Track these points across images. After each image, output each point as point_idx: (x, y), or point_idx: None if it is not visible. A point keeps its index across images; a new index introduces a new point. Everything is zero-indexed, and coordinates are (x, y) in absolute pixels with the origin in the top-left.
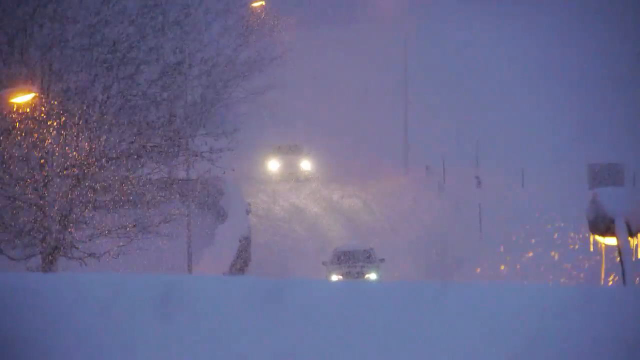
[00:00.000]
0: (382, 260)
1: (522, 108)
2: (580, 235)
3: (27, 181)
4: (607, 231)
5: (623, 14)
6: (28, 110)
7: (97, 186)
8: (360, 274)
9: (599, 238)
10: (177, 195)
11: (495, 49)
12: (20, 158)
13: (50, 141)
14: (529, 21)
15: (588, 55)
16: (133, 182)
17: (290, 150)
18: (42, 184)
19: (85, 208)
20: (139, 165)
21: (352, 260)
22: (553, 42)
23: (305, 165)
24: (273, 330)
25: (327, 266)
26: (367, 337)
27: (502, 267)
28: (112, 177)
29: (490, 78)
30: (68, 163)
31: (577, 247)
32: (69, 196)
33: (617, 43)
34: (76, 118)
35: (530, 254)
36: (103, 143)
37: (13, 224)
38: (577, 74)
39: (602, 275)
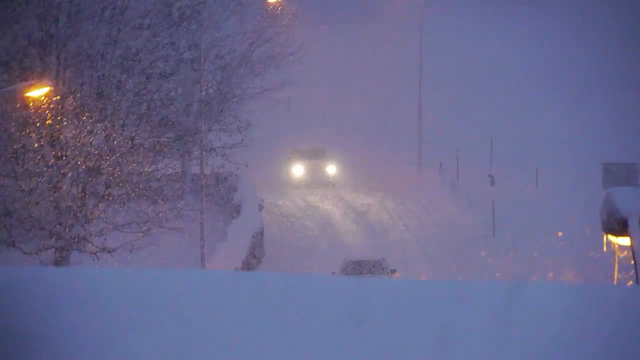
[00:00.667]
0: (394, 270)
1: (536, 107)
2: (594, 235)
3: (41, 175)
4: (620, 231)
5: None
6: (43, 104)
7: (111, 181)
8: None
9: (612, 238)
10: (191, 191)
11: (510, 47)
12: (35, 152)
13: (64, 135)
14: (545, 21)
15: (603, 54)
16: (147, 176)
17: (313, 154)
18: (56, 178)
19: (99, 202)
20: (153, 160)
21: (361, 271)
22: (568, 41)
23: (331, 169)
24: (285, 326)
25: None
26: (375, 334)
27: (515, 266)
28: (125, 172)
29: (504, 77)
30: (82, 157)
31: (590, 246)
32: (83, 190)
33: (634, 41)
34: (90, 112)
35: (543, 253)
36: (117, 138)
37: (27, 217)
38: (593, 72)
39: (615, 275)
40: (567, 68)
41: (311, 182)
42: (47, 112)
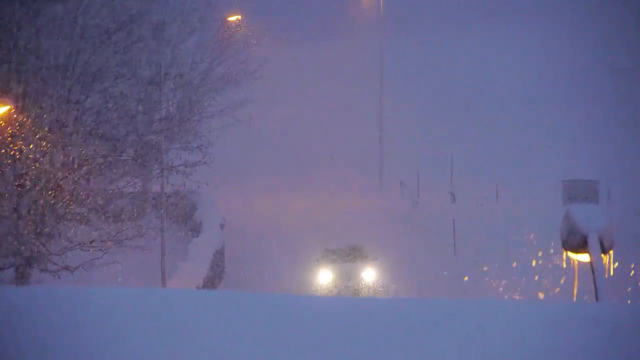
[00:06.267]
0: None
1: (497, 123)
2: (554, 252)
3: (1, 194)
4: (580, 248)
5: (602, 31)
6: (2, 122)
7: (72, 199)
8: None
9: (572, 254)
10: (152, 209)
11: (470, 64)
12: None
13: (23, 153)
14: (504, 36)
15: (565, 70)
16: (107, 195)
17: (348, 256)
18: (16, 196)
19: (60, 221)
20: (114, 178)
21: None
22: (529, 57)
23: (369, 275)
24: (244, 344)
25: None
26: (338, 352)
27: (476, 283)
28: (86, 190)
29: (464, 93)
30: (42, 176)
31: (550, 263)
32: (43, 209)
33: (596, 59)
34: (50, 130)
35: (504, 270)
36: (78, 156)
37: None
38: (553, 89)
39: (575, 292)
40: (527, 85)
41: (344, 288)
42: (6, 130)
